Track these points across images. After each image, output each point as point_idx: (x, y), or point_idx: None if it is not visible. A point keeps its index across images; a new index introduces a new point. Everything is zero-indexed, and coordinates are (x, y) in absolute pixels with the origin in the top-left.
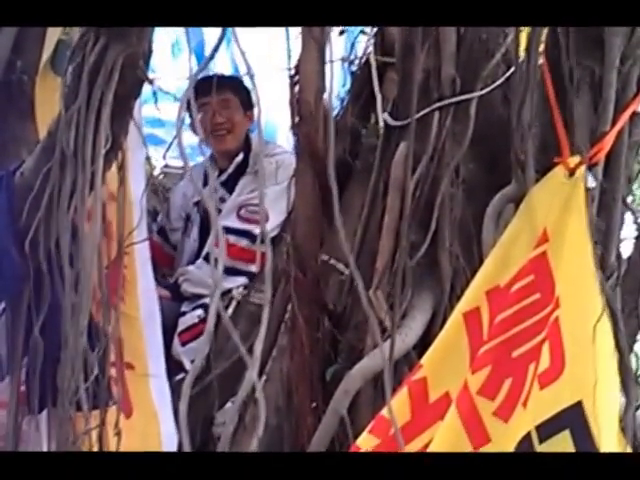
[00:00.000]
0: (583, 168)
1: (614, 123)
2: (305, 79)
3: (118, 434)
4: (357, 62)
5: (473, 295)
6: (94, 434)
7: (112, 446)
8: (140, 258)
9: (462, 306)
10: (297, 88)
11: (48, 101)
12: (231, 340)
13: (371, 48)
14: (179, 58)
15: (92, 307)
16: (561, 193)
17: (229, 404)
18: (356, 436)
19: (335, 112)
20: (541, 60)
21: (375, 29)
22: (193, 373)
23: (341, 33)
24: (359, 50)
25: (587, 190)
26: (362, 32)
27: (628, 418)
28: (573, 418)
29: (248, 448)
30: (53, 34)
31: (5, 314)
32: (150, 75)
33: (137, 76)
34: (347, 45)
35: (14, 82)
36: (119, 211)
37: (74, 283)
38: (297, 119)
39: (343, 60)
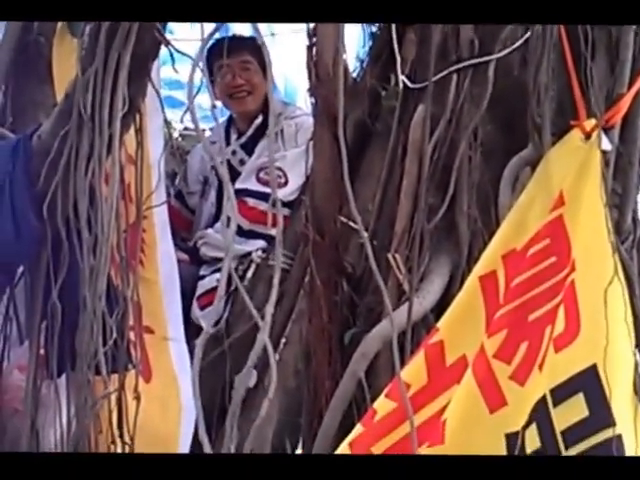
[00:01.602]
0: (599, 131)
1: (631, 85)
2: (323, 41)
3: (137, 398)
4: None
5: (489, 259)
6: (113, 398)
7: (131, 410)
8: (159, 222)
9: (478, 270)
10: (315, 50)
11: (65, 63)
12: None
13: None
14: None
15: (111, 271)
16: (577, 156)
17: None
18: (373, 399)
19: (354, 74)
20: None
21: None
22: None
23: None
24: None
25: (603, 153)
26: None
27: None
28: (587, 381)
29: (268, 410)
30: None
31: (24, 278)
32: (168, 37)
33: (154, 37)
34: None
35: (31, 44)
36: (137, 174)
37: (92, 246)
38: (315, 81)
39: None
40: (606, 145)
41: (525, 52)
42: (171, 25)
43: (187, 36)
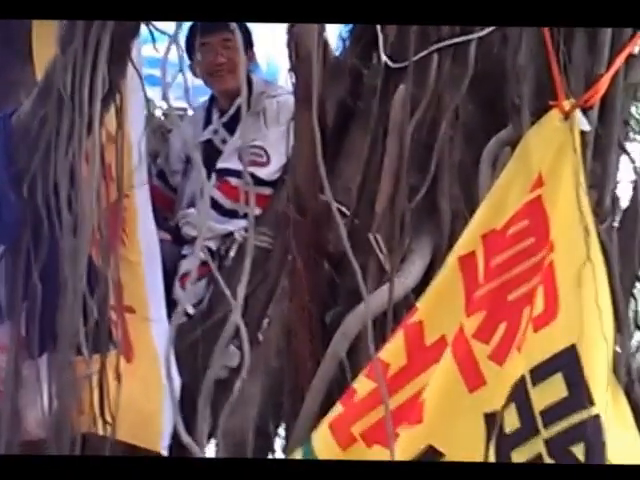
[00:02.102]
0: (578, 111)
1: (609, 66)
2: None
3: (118, 378)
4: None
5: (469, 239)
6: (94, 379)
7: (113, 390)
8: (140, 201)
9: (458, 250)
10: (296, 30)
11: (46, 42)
12: (233, 283)
13: None
14: None
15: (92, 250)
16: (556, 137)
17: (231, 347)
18: (355, 379)
19: (337, 52)
20: None
21: None
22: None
23: None
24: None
25: (582, 134)
26: None
27: (620, 360)
28: (566, 361)
29: (250, 390)
30: None
31: (4, 257)
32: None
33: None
34: None
35: (12, 24)
36: (118, 154)
37: (73, 226)
38: (295, 61)
39: None
40: (585, 125)
41: (505, 31)
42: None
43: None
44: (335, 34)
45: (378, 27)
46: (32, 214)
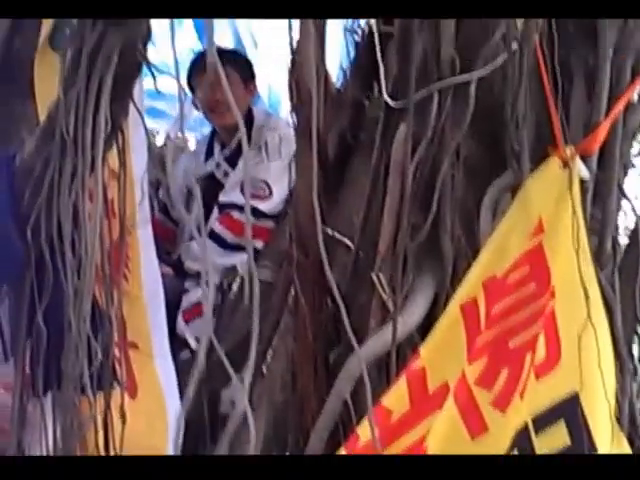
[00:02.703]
0: (577, 159)
1: (608, 113)
2: (304, 60)
3: (123, 417)
4: (360, 32)
5: (470, 286)
6: (99, 418)
7: (117, 428)
8: (143, 236)
9: (459, 296)
10: (296, 70)
11: (48, 78)
12: (236, 317)
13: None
14: (179, 30)
15: (95, 287)
16: (556, 184)
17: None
18: (360, 419)
19: (338, 84)
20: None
21: None
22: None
23: None
24: (361, 20)
25: (582, 181)
26: None
27: (623, 407)
28: (569, 409)
29: (256, 424)
30: None
31: (8, 296)
32: (150, 48)
33: (136, 58)
34: None
35: (13, 60)
36: (120, 192)
37: (76, 268)
38: (296, 102)
39: (345, 30)
40: (584, 173)
41: (507, 68)
42: (153, 36)
43: (169, 48)
44: (336, 65)
45: (379, 58)
46: (35, 255)
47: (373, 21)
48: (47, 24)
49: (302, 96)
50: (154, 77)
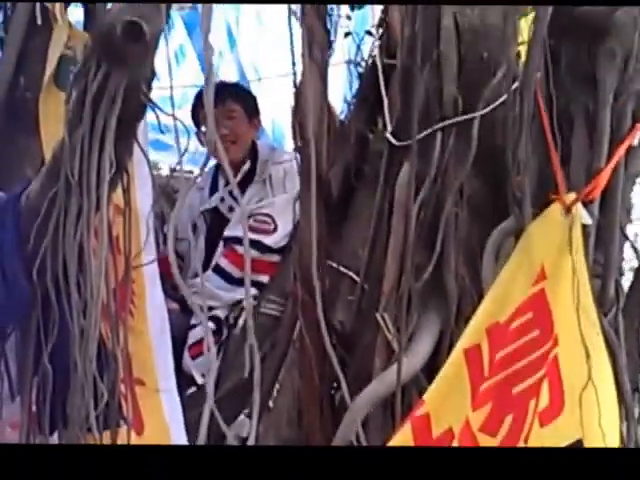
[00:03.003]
0: (579, 205)
1: (609, 158)
2: (307, 101)
3: None
4: (363, 64)
5: (473, 331)
6: None
7: None
8: (148, 271)
9: (463, 342)
10: (299, 111)
11: (52, 116)
12: (243, 352)
13: (377, 51)
14: (182, 64)
15: (101, 324)
16: (558, 230)
17: (242, 417)
18: None
19: (342, 116)
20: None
21: (381, 31)
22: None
23: (346, 35)
24: (365, 52)
25: (584, 227)
26: (368, 33)
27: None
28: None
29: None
30: (55, 50)
31: (15, 335)
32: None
33: (140, 100)
34: (353, 47)
35: (18, 99)
36: (125, 232)
37: (82, 308)
38: (300, 142)
39: (349, 62)
40: (586, 219)
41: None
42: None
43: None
44: (340, 97)
45: (383, 91)
46: (41, 296)
47: (376, 53)
48: (51, 63)
49: (305, 136)
50: (158, 116)
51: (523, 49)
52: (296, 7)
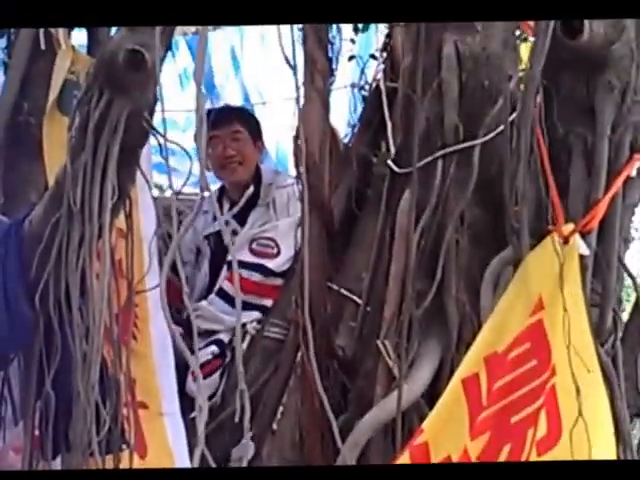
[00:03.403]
0: (577, 236)
1: (607, 189)
2: (309, 129)
3: None
4: (367, 88)
5: (472, 361)
6: None
7: None
8: (152, 295)
9: (461, 372)
10: (301, 139)
11: (56, 141)
12: (246, 375)
13: (381, 74)
14: (187, 88)
15: (104, 349)
16: (556, 261)
17: (244, 440)
18: None
19: (345, 139)
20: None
21: (385, 55)
22: None
23: (350, 59)
24: (369, 76)
25: (581, 257)
26: (372, 57)
27: None
28: None
29: None
30: (59, 75)
31: (17, 360)
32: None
33: (142, 127)
34: (357, 71)
35: (21, 124)
36: (127, 257)
37: (84, 335)
38: (302, 170)
39: (353, 86)
40: (584, 250)
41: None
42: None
43: (176, 105)
44: (344, 121)
45: (387, 114)
46: (44, 323)
47: (380, 77)
48: (55, 88)
49: (306, 164)
50: (159, 143)
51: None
52: (298, 34)
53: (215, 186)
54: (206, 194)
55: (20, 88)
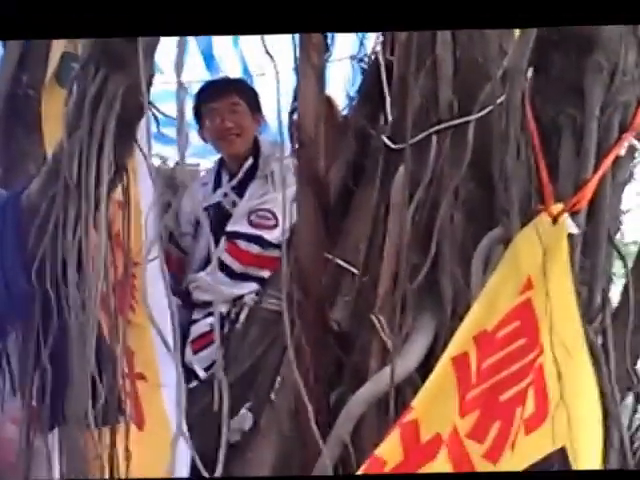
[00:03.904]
0: (566, 216)
1: (597, 169)
2: (304, 105)
3: (128, 455)
4: (366, 60)
5: (461, 339)
6: (105, 453)
7: (122, 465)
8: (150, 266)
9: (451, 350)
10: (296, 114)
11: (55, 114)
12: (244, 346)
13: (379, 47)
14: (186, 59)
15: (102, 321)
16: (545, 241)
17: (243, 410)
18: (359, 461)
19: (344, 111)
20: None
21: None
22: None
23: None
24: (368, 48)
25: (570, 237)
26: None
27: (612, 463)
28: (557, 463)
29: (263, 453)
30: (58, 47)
31: (15, 332)
32: (158, 76)
33: (139, 102)
34: (356, 43)
35: (20, 97)
36: (124, 230)
37: (81, 307)
38: (297, 145)
39: (352, 58)
40: (573, 229)
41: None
42: (160, 64)
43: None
44: (343, 92)
45: (385, 88)
46: (41, 292)
47: (379, 49)
48: (54, 60)
49: (303, 138)
50: (157, 120)
51: None
52: None
53: (214, 157)
54: (206, 166)
55: (19, 61)
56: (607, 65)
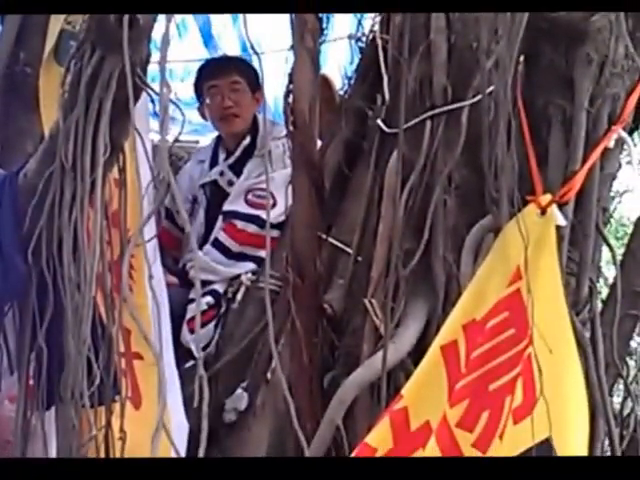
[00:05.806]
0: (554, 207)
1: (585, 160)
2: (299, 88)
3: (123, 435)
4: (364, 40)
5: (450, 328)
6: (101, 433)
7: (118, 444)
8: (148, 245)
9: (440, 339)
10: (291, 97)
11: (52, 92)
12: (241, 326)
13: (377, 27)
14: (185, 38)
15: (99, 300)
16: (533, 231)
17: (239, 390)
18: (351, 445)
19: (342, 91)
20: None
21: None
22: None
23: None
24: (366, 27)
25: (558, 228)
26: None
27: (596, 452)
28: (542, 454)
29: (259, 432)
30: (55, 25)
31: (12, 310)
32: (156, 55)
33: (135, 82)
34: (354, 22)
35: (18, 74)
36: (121, 210)
37: (77, 286)
38: (292, 128)
39: (350, 37)
40: (561, 220)
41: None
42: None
43: (174, 55)
44: (341, 72)
45: (383, 68)
46: (37, 271)
47: (377, 29)
48: (51, 38)
49: (297, 121)
50: (153, 101)
51: None
52: None
53: (212, 135)
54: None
55: (16, 38)
56: (597, 57)
